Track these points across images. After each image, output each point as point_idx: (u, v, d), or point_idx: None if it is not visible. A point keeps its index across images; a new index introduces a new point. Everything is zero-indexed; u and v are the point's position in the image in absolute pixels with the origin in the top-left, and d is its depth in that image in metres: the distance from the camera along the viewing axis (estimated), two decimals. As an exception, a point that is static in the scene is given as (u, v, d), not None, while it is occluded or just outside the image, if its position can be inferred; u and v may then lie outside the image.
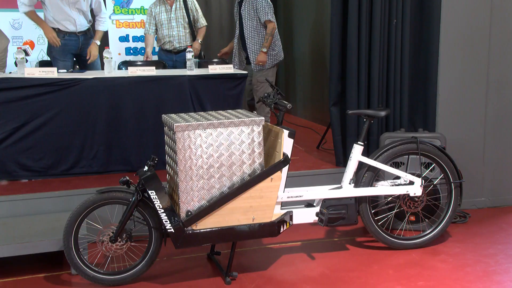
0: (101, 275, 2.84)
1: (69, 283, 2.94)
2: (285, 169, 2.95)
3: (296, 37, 6.86)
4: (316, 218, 3.13)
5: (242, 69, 5.02)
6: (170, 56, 5.15)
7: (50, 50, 4.73)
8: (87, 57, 4.68)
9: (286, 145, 2.93)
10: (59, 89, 3.83)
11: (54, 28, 4.60)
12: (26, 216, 3.37)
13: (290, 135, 2.93)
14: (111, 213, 3.06)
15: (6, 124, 3.75)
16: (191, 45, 5.04)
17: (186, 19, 5.07)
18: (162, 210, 2.75)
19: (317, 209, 3.13)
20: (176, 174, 2.78)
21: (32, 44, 4.27)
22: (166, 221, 2.75)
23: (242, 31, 4.88)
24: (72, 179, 3.89)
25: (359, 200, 3.22)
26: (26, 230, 3.13)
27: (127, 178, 2.85)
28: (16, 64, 4.02)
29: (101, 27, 4.81)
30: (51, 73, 3.85)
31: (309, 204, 3.20)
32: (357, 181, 3.23)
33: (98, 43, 4.73)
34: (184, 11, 5.05)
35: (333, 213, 3.13)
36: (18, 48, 4.07)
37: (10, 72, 4.17)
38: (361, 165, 3.25)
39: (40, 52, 5.63)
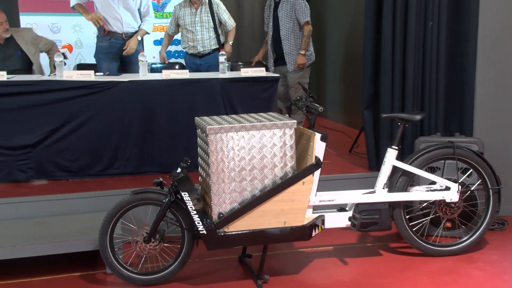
0: (135, 275, 2.88)
1: (104, 282, 3.00)
2: (317, 173, 2.93)
3: (328, 39, 6.82)
4: (349, 223, 3.09)
5: (273, 70, 5.05)
6: (194, 60, 5.09)
7: (96, 51, 4.84)
8: (124, 48, 4.70)
9: (318, 148, 2.91)
10: (96, 92, 3.92)
11: (101, 30, 4.72)
12: (63, 216, 3.46)
13: (322, 139, 2.91)
14: (145, 213, 3.11)
15: (45, 125, 3.86)
16: (224, 48, 5.03)
17: (211, 23, 4.97)
18: (195, 212, 2.78)
19: (350, 213, 3.10)
20: (209, 176, 2.80)
21: (70, 48, 4.38)
22: (198, 223, 2.77)
23: (277, 33, 4.88)
24: (107, 179, 3.97)
25: (393, 205, 3.17)
26: (62, 229, 3.21)
27: (161, 179, 2.89)
28: (54, 67, 4.14)
29: (145, 26, 4.85)
30: (88, 76, 3.95)
31: (341, 208, 3.17)
32: (391, 186, 3.18)
33: (139, 38, 4.79)
34: (209, 14, 4.96)
35: (366, 218, 3.08)
36: (57, 51, 4.19)
37: (49, 75, 4.29)
38: (395, 169, 3.20)
39: (78, 55, 5.78)
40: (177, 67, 5.59)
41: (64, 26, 5.73)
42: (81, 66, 5.35)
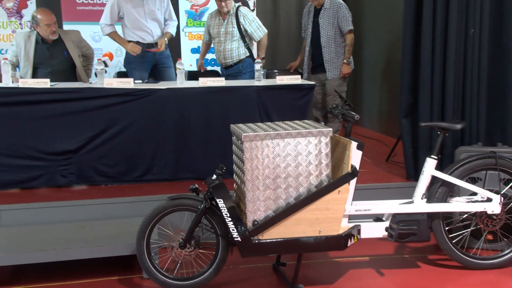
0: (170, 280, 2.91)
1: (141, 286, 3.05)
2: (353, 182, 2.89)
3: (365, 46, 6.75)
4: (386, 233, 3.03)
5: (307, 78, 5.02)
6: (222, 70, 5.13)
7: (129, 61, 4.96)
8: (156, 46, 4.80)
9: (355, 157, 2.87)
10: (135, 99, 4.01)
11: (132, 41, 4.84)
12: (102, 220, 3.53)
13: (358, 147, 2.87)
14: (181, 219, 3.14)
15: (86, 131, 3.96)
16: (260, 56, 5.03)
17: (237, 35, 4.90)
18: (229, 219, 2.79)
19: (387, 223, 3.04)
20: (243, 183, 2.81)
21: (111, 56, 4.53)
22: (233, 230, 2.78)
23: (317, 40, 4.85)
24: (144, 185, 4.04)
25: (432, 216, 3.09)
26: (101, 233, 3.29)
27: (196, 186, 2.91)
28: (96, 75, 4.26)
29: (170, 29, 4.93)
30: (128, 83, 4.04)
31: (378, 218, 3.12)
32: (430, 196, 3.10)
33: (166, 41, 4.87)
34: (235, 25, 4.89)
35: (404, 228, 3.02)
36: (98, 59, 4.31)
37: (90, 82, 4.42)
38: (434, 179, 3.12)
39: (118, 63, 5.93)
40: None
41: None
42: (121, 74, 5.48)
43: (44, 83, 3.92)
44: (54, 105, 3.90)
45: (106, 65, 4.31)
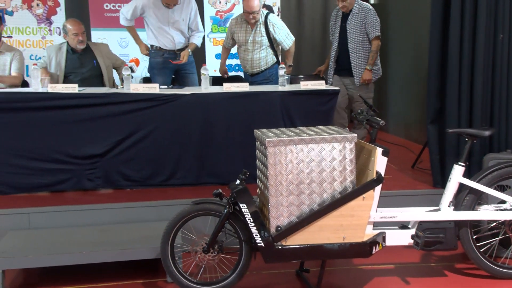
0: (194, 284, 2.92)
1: (164, 290, 3.07)
2: (378, 188, 2.86)
3: (390, 51, 6.68)
4: (411, 241, 2.98)
5: (331, 83, 4.98)
6: (247, 77, 5.08)
7: (151, 67, 5.04)
8: (178, 58, 4.84)
9: (380, 163, 2.84)
10: (160, 104, 4.05)
11: (154, 46, 4.90)
12: (127, 224, 3.58)
13: (384, 153, 2.84)
14: (205, 224, 3.15)
15: (112, 136, 4.02)
16: (284, 62, 5.01)
17: (265, 44, 4.87)
18: (253, 224, 2.79)
19: (413, 231, 2.99)
20: (267, 188, 2.81)
21: (137, 62, 4.60)
22: (256, 235, 2.78)
23: (344, 44, 4.80)
24: (168, 189, 4.07)
25: (459, 224, 3.03)
26: (126, 237, 3.33)
27: (220, 190, 2.92)
28: (122, 80, 4.33)
29: (195, 40, 4.97)
30: (154, 88, 4.09)
31: (403, 225, 3.07)
32: (457, 204, 3.04)
33: (190, 52, 4.90)
34: (264, 35, 4.84)
35: (430, 236, 2.96)
36: (125, 65, 4.38)
37: (117, 88, 4.49)
38: (461, 187, 3.06)
39: (144, 69, 6.01)
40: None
41: (131, 41, 5.97)
42: (146, 80, 5.56)
43: (72, 88, 4.00)
44: (82, 110, 3.97)
45: (132, 71, 4.38)
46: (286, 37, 4.94)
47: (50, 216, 3.55)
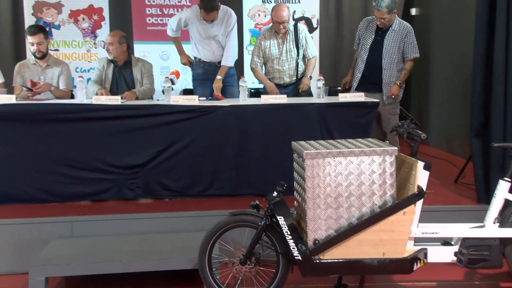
0: (230, 296, 2.93)
1: (201, 300, 3.08)
2: (419, 203, 2.79)
3: (432, 63, 6.55)
4: (454, 258, 2.89)
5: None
6: (279, 89, 4.98)
7: (193, 78, 5.14)
8: (214, 93, 4.81)
9: (421, 177, 2.77)
10: (199, 116, 4.10)
11: (197, 57, 5.01)
12: (166, 233, 3.62)
13: (425, 167, 2.77)
14: (242, 235, 3.16)
15: (152, 146, 4.09)
16: (302, 81, 4.92)
17: (296, 52, 4.88)
18: (290, 237, 2.77)
19: (456, 248, 2.89)
20: (304, 201, 2.79)
21: (177, 74, 4.68)
22: (294, 248, 2.76)
23: (376, 59, 4.68)
24: (206, 200, 4.11)
25: (504, 241, 2.91)
26: (165, 246, 3.37)
27: (257, 202, 2.92)
28: (163, 92, 4.41)
29: (224, 62, 4.96)
30: (193, 100, 4.15)
31: (446, 242, 2.98)
32: (503, 220, 2.93)
33: (219, 77, 4.84)
34: (294, 43, 4.85)
35: (474, 254, 2.86)
36: (165, 77, 4.47)
37: (158, 100, 4.59)
38: (507, 203, 2.95)
39: (184, 81, 6.13)
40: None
41: (172, 54, 6.11)
42: (186, 91, 5.65)
43: (115, 100, 4.11)
44: (124, 121, 4.07)
45: (173, 83, 4.46)
46: (312, 46, 4.99)
47: (92, 224, 3.64)
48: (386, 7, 4.43)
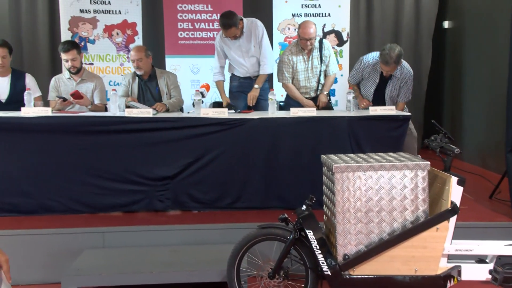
0: (259, 310, 2.91)
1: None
2: (453, 219, 2.73)
3: (466, 76, 6.42)
4: (489, 276, 2.80)
5: None
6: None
7: (230, 90, 5.24)
8: (249, 103, 4.90)
9: (455, 193, 2.71)
10: (228, 128, 4.13)
11: (234, 74, 5.15)
12: (195, 245, 3.64)
13: (459, 183, 2.71)
14: (270, 249, 3.14)
15: (182, 159, 4.14)
16: (319, 98, 4.92)
17: (320, 68, 4.90)
18: (319, 251, 2.74)
19: (490, 266, 2.81)
20: (334, 215, 2.76)
21: (207, 87, 4.73)
22: (323, 263, 2.73)
23: (381, 102, 4.72)
24: (235, 212, 4.11)
25: (543, 260, 2.81)
26: (194, 258, 3.38)
27: (286, 215, 2.91)
28: (193, 105, 4.47)
29: (262, 70, 5.02)
30: (222, 113, 4.19)
31: (480, 259, 2.89)
32: (541, 238, 2.83)
33: (256, 86, 4.92)
34: (319, 59, 4.87)
35: (510, 272, 2.76)
36: (196, 90, 4.52)
37: (188, 112, 4.64)
38: (546, 220, 2.85)
39: (213, 94, 6.19)
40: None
41: (203, 67, 6.21)
42: (216, 104, 5.70)
43: (147, 112, 4.18)
44: (155, 133, 4.12)
45: (203, 96, 4.51)
46: (335, 63, 5.02)
47: (123, 235, 3.69)
48: (394, 62, 4.46)
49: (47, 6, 6.27)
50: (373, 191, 2.70)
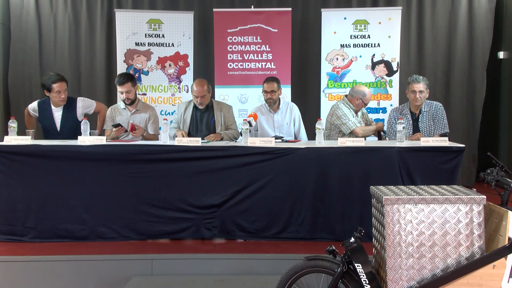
0: None
1: None
2: (511, 256, 2.58)
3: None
4: (551, 319, 2.61)
5: None
6: None
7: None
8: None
9: (513, 228, 2.57)
10: (275, 157, 4.14)
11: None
12: (240, 275, 3.62)
13: (518, 218, 2.57)
14: (317, 281, 3.08)
15: (229, 187, 4.17)
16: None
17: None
18: (368, 286, 2.66)
19: (553, 308, 2.62)
20: (384, 249, 2.68)
21: (255, 117, 4.78)
22: (372, 298, 2.64)
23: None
24: (281, 243, 4.07)
25: None
26: (238, 289, 3.36)
27: (333, 247, 2.85)
28: (241, 134, 4.52)
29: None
30: (269, 142, 4.21)
31: (542, 301, 2.71)
32: None
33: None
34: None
35: None
36: (243, 120, 4.58)
37: (236, 141, 4.69)
38: None
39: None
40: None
41: (251, 97, 6.29)
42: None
43: (196, 141, 4.27)
44: (203, 161, 4.19)
45: (250, 125, 4.56)
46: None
47: (170, 263, 3.73)
48: (423, 80, 4.68)
49: (104, 40, 6.59)
50: (425, 225, 2.61)
